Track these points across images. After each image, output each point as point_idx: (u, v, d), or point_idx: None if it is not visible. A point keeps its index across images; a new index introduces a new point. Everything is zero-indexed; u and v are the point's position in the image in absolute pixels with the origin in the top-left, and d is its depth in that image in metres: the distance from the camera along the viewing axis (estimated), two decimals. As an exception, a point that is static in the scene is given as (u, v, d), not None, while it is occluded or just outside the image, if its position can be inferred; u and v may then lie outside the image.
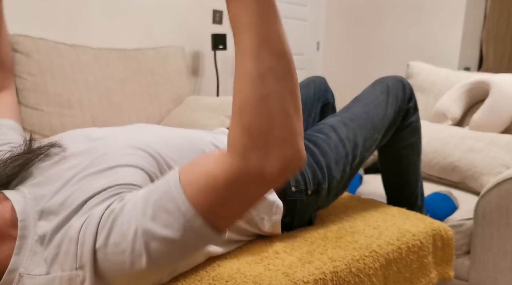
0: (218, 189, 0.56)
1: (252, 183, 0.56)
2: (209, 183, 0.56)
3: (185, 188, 0.57)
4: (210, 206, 0.57)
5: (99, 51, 2.03)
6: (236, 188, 0.56)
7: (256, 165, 0.55)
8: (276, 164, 0.55)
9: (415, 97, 1.21)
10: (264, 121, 0.54)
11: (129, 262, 0.57)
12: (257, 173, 0.55)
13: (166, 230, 0.57)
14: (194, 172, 0.58)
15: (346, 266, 0.86)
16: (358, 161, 1.08)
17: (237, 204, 0.58)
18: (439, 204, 1.45)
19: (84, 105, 1.88)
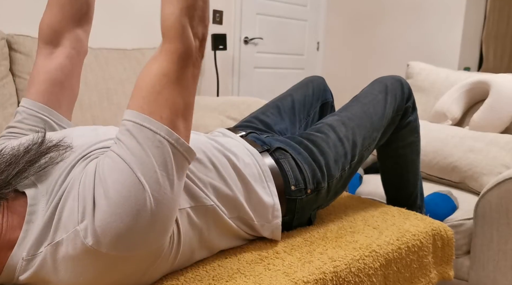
0: (172, 82, 0.67)
1: (189, 61, 0.69)
2: (162, 82, 0.67)
3: (144, 109, 0.66)
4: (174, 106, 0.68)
5: (99, 51, 2.03)
6: (182, 71, 0.68)
7: (190, 42, 0.69)
8: (199, 40, 0.71)
9: (414, 96, 1.21)
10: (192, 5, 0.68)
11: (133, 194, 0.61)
12: (191, 49, 0.69)
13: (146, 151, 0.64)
14: (142, 88, 0.68)
15: (346, 266, 0.86)
16: (357, 160, 1.08)
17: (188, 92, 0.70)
18: (439, 204, 1.45)
19: (84, 105, 1.88)
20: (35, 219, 0.64)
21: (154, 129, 0.65)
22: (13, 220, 0.64)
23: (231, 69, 3.19)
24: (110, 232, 0.60)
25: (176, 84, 0.68)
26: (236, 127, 1.18)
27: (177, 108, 0.68)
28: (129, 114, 0.67)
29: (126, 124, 0.66)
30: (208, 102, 2.15)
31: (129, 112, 0.67)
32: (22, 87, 1.75)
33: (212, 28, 2.94)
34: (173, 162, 0.66)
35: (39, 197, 0.66)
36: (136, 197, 0.61)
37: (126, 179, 0.62)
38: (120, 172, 0.62)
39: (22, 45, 1.77)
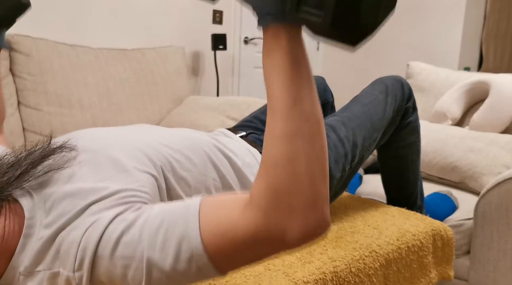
0: (234, 240, 0.55)
1: (270, 243, 0.55)
2: (228, 231, 0.56)
3: (202, 224, 0.57)
4: (221, 252, 0.56)
5: (99, 51, 2.03)
6: (253, 244, 0.55)
7: (278, 226, 0.53)
8: (298, 229, 0.53)
9: (414, 97, 1.21)
10: (289, 182, 0.53)
11: (129, 278, 0.57)
12: (278, 235, 0.54)
13: (172, 260, 0.56)
14: (216, 213, 0.57)
15: (346, 266, 0.86)
16: (357, 160, 1.08)
17: (249, 256, 0.57)
18: (439, 204, 1.45)
19: (84, 105, 1.88)
20: (32, 233, 0.63)
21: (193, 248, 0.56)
22: (14, 225, 0.64)
23: (231, 69, 3.19)
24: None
25: (238, 244, 0.56)
26: (236, 127, 1.18)
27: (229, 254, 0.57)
28: (193, 216, 0.58)
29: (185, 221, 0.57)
30: (208, 102, 2.15)
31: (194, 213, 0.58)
32: (22, 87, 1.75)
33: (212, 28, 2.95)
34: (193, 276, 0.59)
35: (35, 209, 0.64)
36: (133, 280, 0.58)
37: (132, 261, 0.57)
38: (131, 252, 0.57)
39: (22, 45, 1.77)
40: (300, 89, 0.54)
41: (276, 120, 0.54)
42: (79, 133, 0.80)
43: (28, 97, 1.76)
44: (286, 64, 0.54)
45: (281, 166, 0.53)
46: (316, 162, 0.55)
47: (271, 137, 0.55)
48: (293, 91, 0.54)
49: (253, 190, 0.56)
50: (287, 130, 0.54)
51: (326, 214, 0.55)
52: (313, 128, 0.55)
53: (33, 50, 1.79)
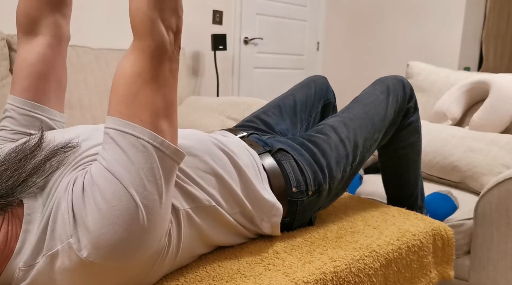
0: (148, 82, 0.64)
1: (164, 57, 0.65)
2: (137, 83, 0.64)
3: (123, 114, 0.64)
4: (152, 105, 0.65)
5: (99, 52, 2.03)
6: (157, 68, 0.65)
7: (162, 37, 0.65)
8: (173, 33, 0.67)
9: (415, 97, 1.21)
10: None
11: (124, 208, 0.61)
12: (165, 44, 0.65)
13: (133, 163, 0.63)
14: (119, 92, 0.65)
15: (346, 266, 0.86)
16: (358, 161, 1.08)
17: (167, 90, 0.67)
18: (439, 204, 1.45)
19: (84, 105, 1.88)
20: (31, 229, 0.63)
21: (136, 134, 0.63)
22: (17, 229, 0.64)
23: (231, 70, 3.19)
24: (104, 243, 0.59)
25: (152, 83, 0.65)
26: (237, 127, 1.18)
27: (157, 108, 0.65)
28: (110, 121, 0.65)
29: (109, 133, 0.64)
30: (208, 102, 2.15)
31: (109, 120, 0.65)
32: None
33: (212, 28, 2.95)
34: (160, 167, 0.64)
35: (35, 206, 0.65)
36: (127, 207, 0.60)
37: (114, 189, 0.61)
38: (108, 182, 0.61)
39: (22, 46, 1.77)
40: None
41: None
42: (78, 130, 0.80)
43: (28, 97, 1.75)
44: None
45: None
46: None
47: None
48: None
49: (135, 17, 0.65)
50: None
51: (181, 14, 0.69)
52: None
53: (33, 50, 1.78)
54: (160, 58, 0.65)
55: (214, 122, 2.00)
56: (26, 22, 0.85)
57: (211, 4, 2.92)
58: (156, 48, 0.65)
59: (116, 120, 0.64)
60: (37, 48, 0.85)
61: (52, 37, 0.86)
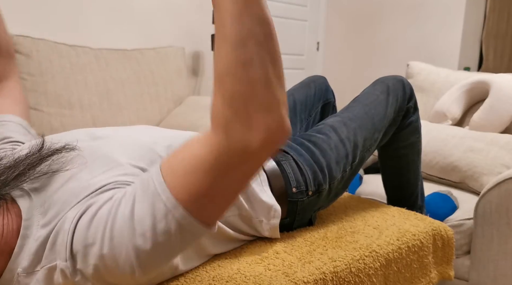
0: (203, 171, 0.55)
1: (236, 159, 0.54)
2: (193, 166, 0.55)
3: (168, 181, 0.57)
4: (197, 193, 0.56)
5: (99, 52, 2.03)
6: (221, 167, 0.55)
7: (239, 137, 0.53)
8: (259, 135, 0.53)
9: (415, 97, 1.21)
10: (245, 88, 0.52)
11: (121, 265, 0.58)
12: (240, 147, 0.53)
13: (150, 223, 0.56)
14: (177, 159, 0.58)
15: (346, 266, 0.86)
16: (358, 161, 1.08)
17: (224, 187, 0.56)
18: (439, 203, 1.45)
19: (84, 105, 1.88)
20: (30, 234, 0.63)
21: (169, 207, 0.56)
22: (13, 224, 0.64)
23: (231, 69, 3.19)
24: (97, 277, 0.59)
25: (206, 174, 0.56)
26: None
27: (201, 194, 0.57)
28: (157, 176, 0.58)
29: (149, 184, 0.58)
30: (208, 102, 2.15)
31: (157, 174, 0.59)
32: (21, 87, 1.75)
33: (212, 28, 2.94)
34: (180, 242, 0.59)
35: (33, 211, 0.64)
36: (124, 264, 0.58)
37: (122, 242, 0.57)
38: (120, 233, 0.57)
39: (22, 46, 1.77)
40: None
41: (227, 27, 0.52)
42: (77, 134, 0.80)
43: (28, 97, 1.76)
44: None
45: (235, 73, 0.52)
46: (271, 64, 0.53)
47: (223, 45, 0.53)
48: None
49: (211, 111, 0.55)
50: (238, 34, 0.52)
51: (284, 117, 0.55)
52: (265, 31, 0.53)
53: (33, 51, 1.79)
54: (229, 157, 0.55)
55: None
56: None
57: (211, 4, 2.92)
58: (226, 146, 0.54)
59: (160, 179, 0.58)
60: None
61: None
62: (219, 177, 0.55)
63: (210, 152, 0.55)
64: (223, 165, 0.55)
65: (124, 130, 0.83)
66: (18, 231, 0.64)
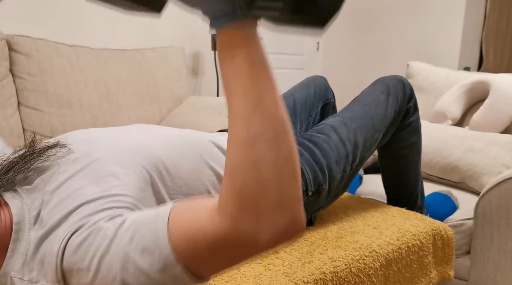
0: (205, 245, 0.54)
1: (241, 247, 0.53)
2: (196, 236, 0.54)
3: (171, 232, 0.55)
4: (193, 258, 0.55)
5: (99, 52, 2.03)
6: (224, 249, 0.53)
7: (247, 230, 0.52)
8: (269, 231, 0.52)
9: (415, 97, 1.21)
10: (255, 187, 0.51)
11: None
12: (248, 239, 0.52)
13: (146, 271, 0.55)
14: (185, 219, 0.56)
15: (346, 266, 0.86)
16: (358, 161, 1.08)
17: (223, 261, 0.56)
18: (439, 203, 1.45)
19: (84, 105, 1.88)
20: (21, 237, 0.63)
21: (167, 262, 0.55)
22: (6, 221, 0.63)
23: (231, 69, 3.19)
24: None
25: (210, 250, 0.54)
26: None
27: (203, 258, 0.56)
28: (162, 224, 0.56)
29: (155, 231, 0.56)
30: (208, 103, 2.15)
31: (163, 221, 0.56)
32: (22, 87, 1.75)
33: (212, 28, 2.94)
34: None
35: (24, 214, 0.64)
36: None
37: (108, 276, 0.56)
38: (108, 265, 0.56)
39: (22, 46, 1.77)
40: (261, 93, 0.52)
41: (237, 127, 0.52)
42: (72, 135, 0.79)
43: (28, 97, 1.75)
44: (244, 70, 0.51)
45: (245, 172, 0.51)
46: (284, 164, 0.52)
47: (233, 145, 0.53)
48: (253, 97, 0.51)
49: (220, 197, 0.54)
50: (248, 136, 0.51)
51: (297, 214, 0.53)
52: (277, 131, 0.52)
53: (33, 51, 1.79)
54: (235, 246, 0.54)
55: (214, 122, 2.00)
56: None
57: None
58: (232, 236, 0.53)
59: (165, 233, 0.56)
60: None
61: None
62: (217, 254, 0.54)
63: (213, 231, 0.53)
64: (224, 247, 0.53)
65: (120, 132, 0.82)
66: (10, 232, 0.63)
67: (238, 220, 0.52)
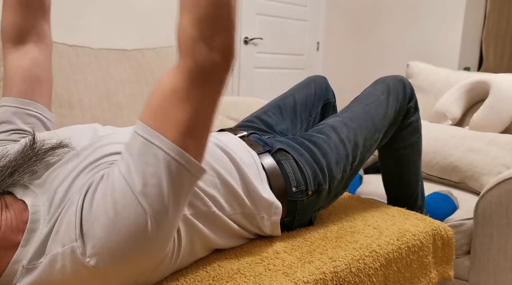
0: (182, 101, 0.63)
1: (205, 79, 0.63)
2: (171, 100, 0.63)
3: (154, 126, 0.63)
4: (184, 127, 0.63)
5: (99, 52, 2.03)
6: (195, 90, 0.63)
7: (205, 57, 0.62)
8: (219, 55, 0.63)
9: (416, 96, 1.21)
10: (213, 10, 0.61)
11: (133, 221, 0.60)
12: (207, 66, 0.62)
13: (158, 180, 0.62)
14: (153, 104, 0.64)
15: (346, 266, 0.86)
16: (358, 161, 1.08)
17: (202, 113, 0.64)
18: (439, 203, 1.45)
19: (84, 105, 1.88)
20: (36, 228, 0.64)
21: (164, 149, 0.62)
22: (12, 221, 0.64)
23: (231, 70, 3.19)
24: (108, 251, 0.60)
25: (185, 102, 0.63)
26: (237, 127, 1.18)
27: (186, 127, 0.64)
28: (140, 128, 0.64)
29: (136, 139, 0.64)
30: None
31: (140, 126, 0.64)
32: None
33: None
34: (181, 184, 0.64)
35: (39, 206, 0.66)
36: (136, 221, 0.60)
37: (127, 202, 0.60)
38: (123, 194, 0.60)
39: (22, 46, 1.77)
40: None
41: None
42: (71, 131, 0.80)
43: (28, 97, 1.76)
44: None
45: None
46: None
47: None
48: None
49: (179, 36, 0.63)
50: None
51: (235, 40, 0.65)
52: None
53: (33, 50, 1.79)
54: (200, 78, 0.63)
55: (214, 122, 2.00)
56: (14, 32, 0.88)
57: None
58: (195, 69, 0.62)
59: (146, 128, 0.63)
60: (29, 54, 0.88)
61: (41, 43, 0.91)
62: (196, 101, 0.64)
63: (183, 79, 0.63)
64: (196, 87, 0.63)
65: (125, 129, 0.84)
66: (18, 227, 0.64)
67: (196, 50, 0.62)
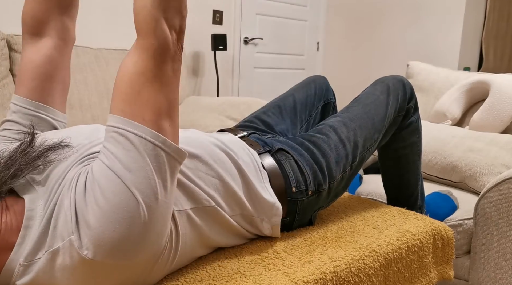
0: (150, 81, 0.65)
1: (167, 56, 0.66)
2: (140, 82, 0.65)
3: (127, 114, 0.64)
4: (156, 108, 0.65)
5: (99, 52, 2.03)
6: (160, 68, 0.65)
7: (165, 36, 0.66)
8: (176, 33, 0.68)
9: (416, 97, 1.21)
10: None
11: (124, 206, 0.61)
12: (167, 43, 0.66)
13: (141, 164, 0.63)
14: (121, 91, 0.65)
15: (346, 266, 0.86)
16: (358, 161, 1.08)
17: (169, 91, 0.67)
18: (439, 203, 1.45)
19: (84, 105, 1.88)
20: (32, 225, 0.64)
21: (139, 134, 0.63)
22: (12, 222, 0.64)
23: (231, 70, 3.19)
24: (104, 241, 0.60)
25: (154, 82, 0.65)
26: (237, 127, 1.18)
27: (160, 107, 0.66)
28: (112, 119, 0.65)
29: (111, 131, 0.65)
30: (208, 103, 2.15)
31: (111, 118, 0.65)
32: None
33: (212, 28, 2.95)
34: (162, 166, 0.65)
35: (37, 202, 0.66)
36: (127, 206, 0.61)
37: (115, 187, 0.61)
38: (109, 181, 0.61)
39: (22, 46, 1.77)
40: None
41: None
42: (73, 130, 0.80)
43: (28, 97, 1.75)
44: None
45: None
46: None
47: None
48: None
49: (140, 16, 0.65)
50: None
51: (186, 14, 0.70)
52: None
53: (33, 51, 1.78)
54: (163, 57, 0.66)
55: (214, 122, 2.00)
56: (33, 23, 0.85)
57: (211, 4, 2.92)
58: (158, 47, 0.65)
59: (118, 118, 0.64)
60: (43, 50, 0.86)
61: (59, 39, 0.88)
62: (164, 80, 0.66)
63: (147, 59, 0.65)
64: (161, 65, 0.66)
65: None
66: (18, 228, 0.64)
67: (158, 29, 0.65)
